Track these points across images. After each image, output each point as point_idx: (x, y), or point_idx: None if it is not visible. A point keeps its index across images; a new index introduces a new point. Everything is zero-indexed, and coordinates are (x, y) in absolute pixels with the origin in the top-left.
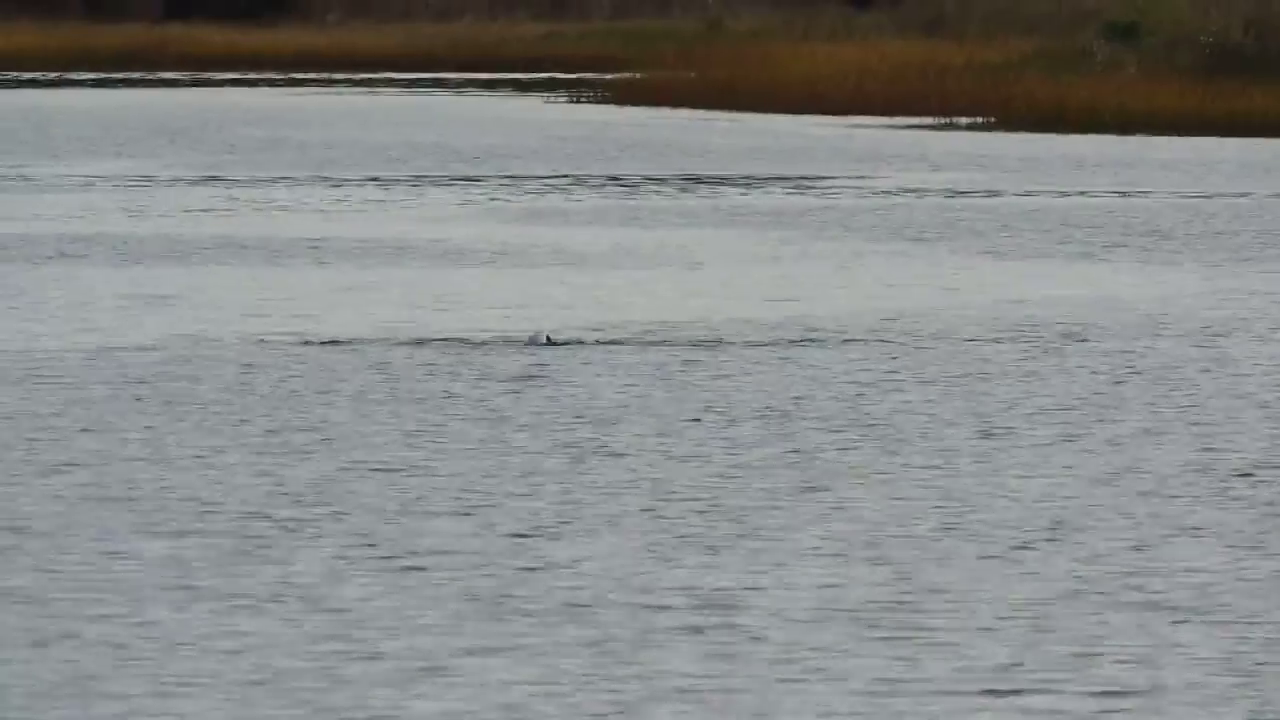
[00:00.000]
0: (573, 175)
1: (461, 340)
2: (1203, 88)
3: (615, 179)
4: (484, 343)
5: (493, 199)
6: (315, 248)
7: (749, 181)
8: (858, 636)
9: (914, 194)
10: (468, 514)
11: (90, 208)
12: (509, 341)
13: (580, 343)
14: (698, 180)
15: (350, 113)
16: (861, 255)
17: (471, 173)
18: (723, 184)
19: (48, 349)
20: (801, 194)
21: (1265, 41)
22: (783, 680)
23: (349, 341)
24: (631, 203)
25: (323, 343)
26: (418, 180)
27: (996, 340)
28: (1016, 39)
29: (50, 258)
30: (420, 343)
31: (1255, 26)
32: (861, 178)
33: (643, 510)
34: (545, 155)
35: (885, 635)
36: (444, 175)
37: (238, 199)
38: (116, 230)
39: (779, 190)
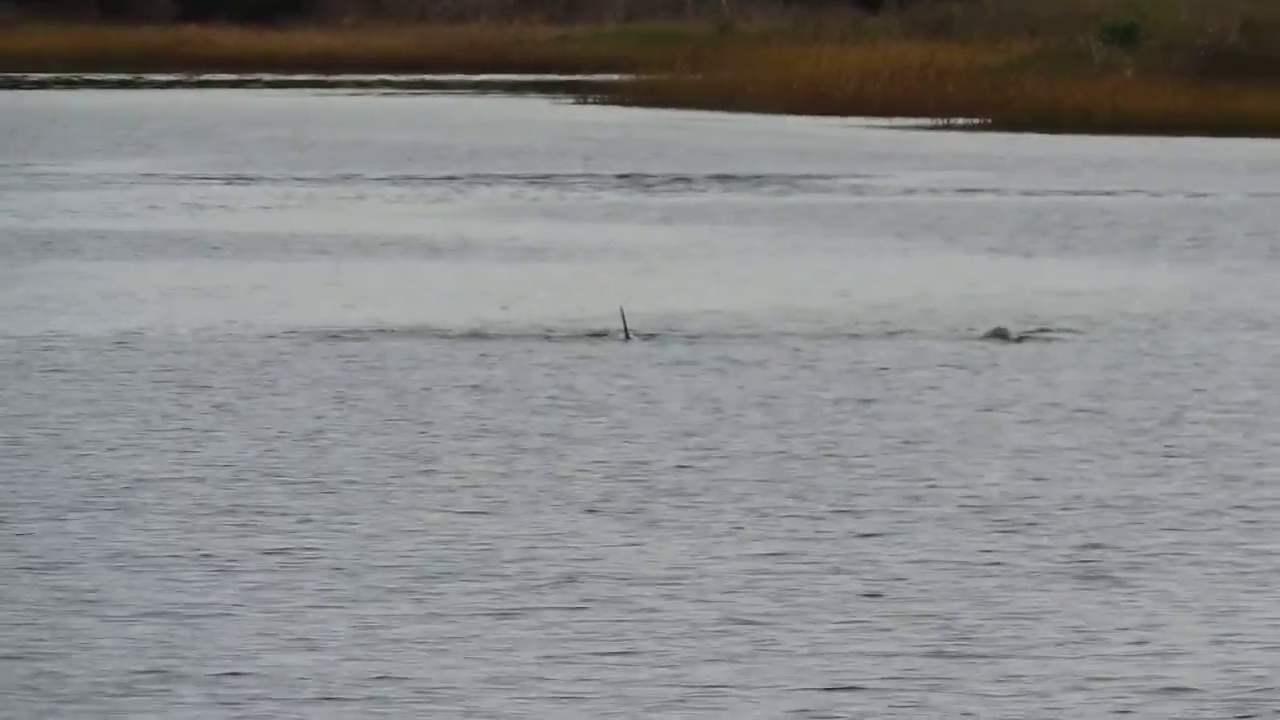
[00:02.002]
0: (578, 174)
1: (499, 333)
2: (1197, 90)
3: (618, 177)
4: (522, 334)
5: (500, 197)
6: (334, 244)
7: (747, 179)
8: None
9: (903, 192)
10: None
11: (102, 205)
12: (544, 334)
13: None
14: (701, 179)
15: (363, 114)
16: (844, 250)
17: (480, 171)
18: (725, 181)
19: (76, 337)
20: (796, 192)
21: (1261, 45)
22: None
23: (408, 333)
24: (630, 199)
25: (376, 332)
26: (427, 180)
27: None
28: (1020, 42)
29: (67, 252)
30: (457, 334)
31: (1251, 30)
32: (855, 176)
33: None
34: (552, 155)
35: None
36: (454, 175)
37: (248, 197)
38: (130, 226)
39: (775, 188)
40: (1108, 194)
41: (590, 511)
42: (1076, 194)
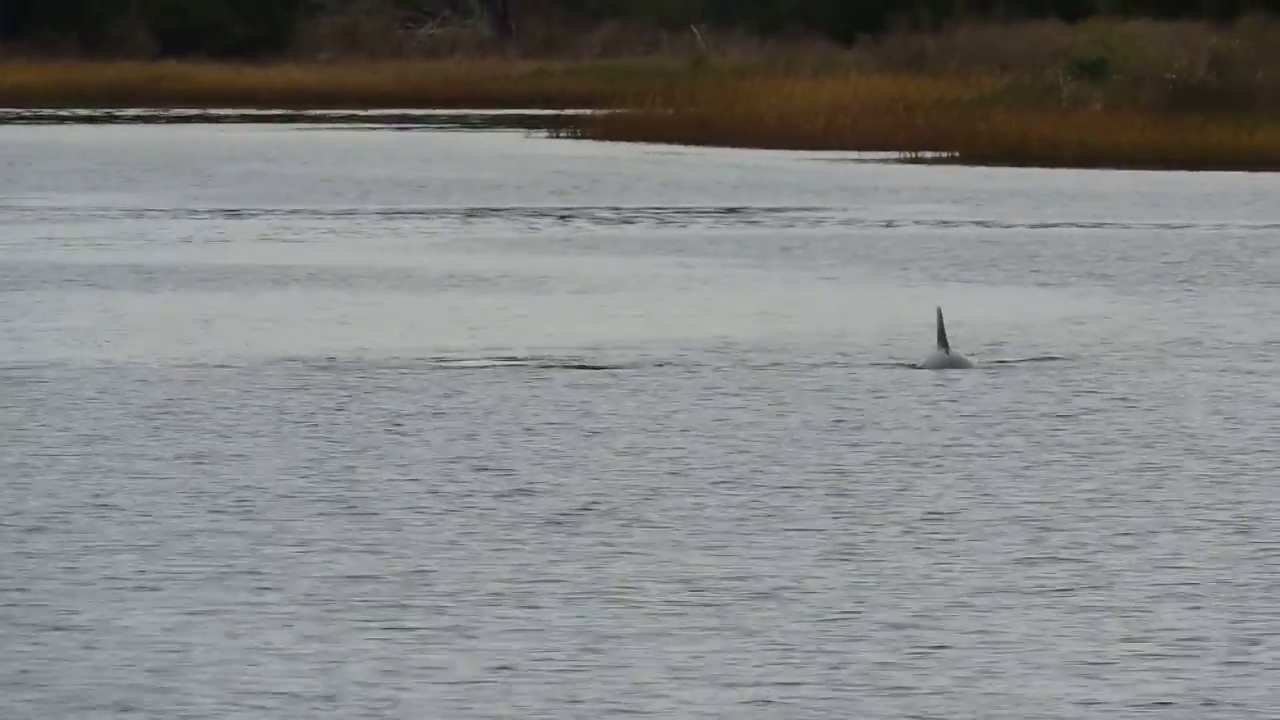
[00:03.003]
0: (549, 208)
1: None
2: (1164, 123)
3: (581, 210)
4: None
5: (472, 230)
6: (312, 276)
7: (714, 213)
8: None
9: (870, 224)
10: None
11: (83, 238)
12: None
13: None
14: (669, 212)
15: (337, 148)
16: (804, 281)
17: (452, 205)
18: (693, 215)
19: (58, 365)
20: (761, 225)
21: (1228, 78)
22: None
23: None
24: (592, 232)
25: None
26: (400, 213)
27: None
28: (992, 76)
29: (49, 284)
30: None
31: (1219, 64)
32: (821, 210)
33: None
34: (524, 188)
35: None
36: (426, 209)
37: (226, 230)
38: (110, 259)
39: (740, 220)
40: (1073, 226)
41: (553, 524)
42: (1041, 226)
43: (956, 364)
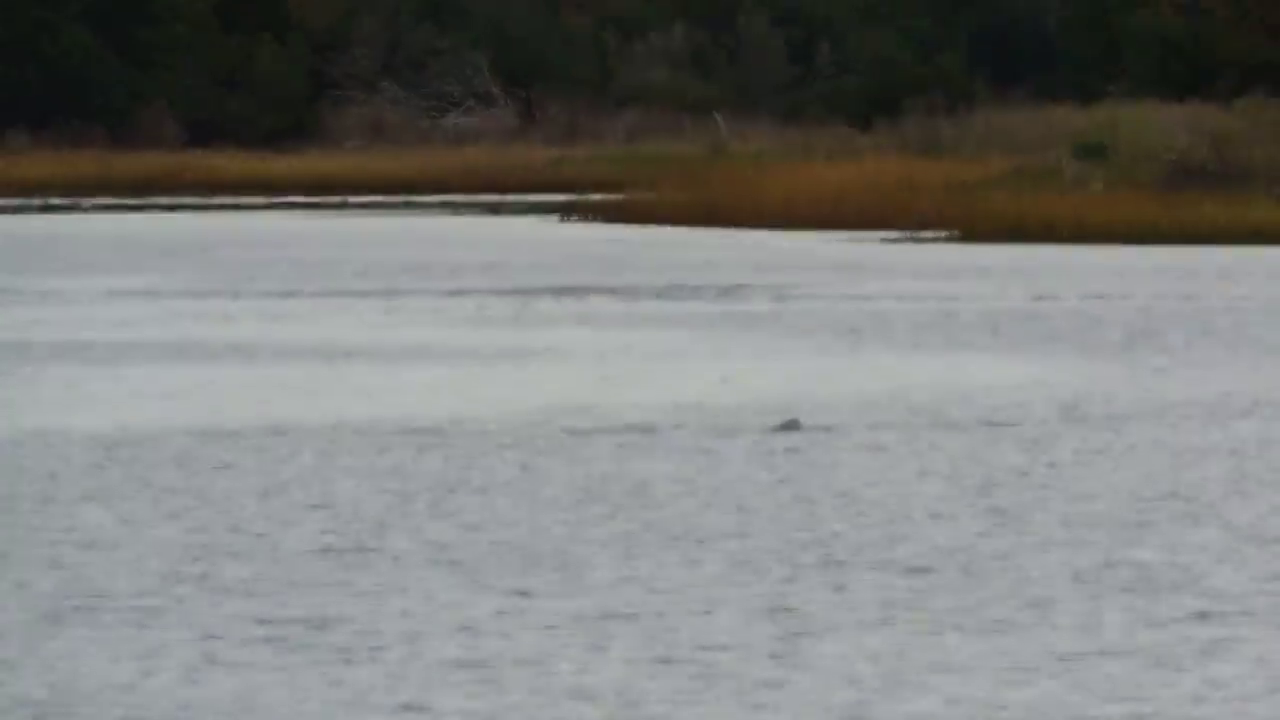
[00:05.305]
0: (545, 287)
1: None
2: (1159, 201)
3: (587, 288)
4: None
5: (475, 308)
6: (319, 352)
7: (699, 289)
8: None
9: (855, 299)
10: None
11: (93, 319)
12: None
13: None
14: (660, 288)
15: (355, 234)
16: (780, 352)
17: (458, 286)
18: (685, 292)
19: (84, 434)
20: (740, 301)
21: (1226, 158)
22: None
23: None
24: (592, 309)
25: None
26: (388, 291)
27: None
28: (1003, 159)
29: (64, 361)
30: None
31: (1219, 144)
32: (810, 285)
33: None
34: (527, 269)
35: None
36: (433, 289)
37: (243, 311)
38: (135, 336)
39: (741, 297)
40: (1048, 299)
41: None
42: (1028, 300)
43: None
